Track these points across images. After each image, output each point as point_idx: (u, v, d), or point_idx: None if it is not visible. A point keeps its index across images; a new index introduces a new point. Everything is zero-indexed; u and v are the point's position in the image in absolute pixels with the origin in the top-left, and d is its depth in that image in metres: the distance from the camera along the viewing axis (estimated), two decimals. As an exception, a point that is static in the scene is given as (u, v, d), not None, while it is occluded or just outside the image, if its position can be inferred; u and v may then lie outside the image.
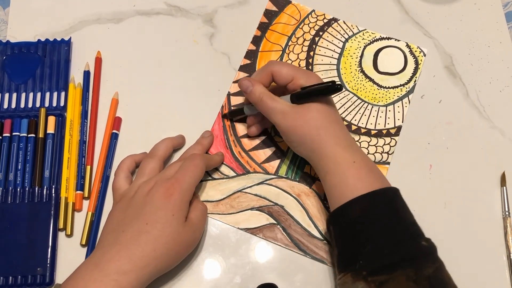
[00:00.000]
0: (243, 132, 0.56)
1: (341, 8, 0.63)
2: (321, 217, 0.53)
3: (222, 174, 0.54)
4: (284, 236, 0.52)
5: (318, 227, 0.52)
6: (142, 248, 0.43)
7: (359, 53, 0.60)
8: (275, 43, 0.60)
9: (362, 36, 0.61)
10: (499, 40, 0.62)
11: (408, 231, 0.44)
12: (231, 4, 0.62)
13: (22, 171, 0.52)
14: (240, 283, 0.50)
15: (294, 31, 0.61)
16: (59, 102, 0.56)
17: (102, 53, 0.59)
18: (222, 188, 0.53)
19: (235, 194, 0.53)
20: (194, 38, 0.60)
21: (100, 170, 0.53)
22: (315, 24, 0.61)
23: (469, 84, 0.60)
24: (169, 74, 0.59)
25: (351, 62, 0.60)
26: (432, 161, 0.56)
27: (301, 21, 0.61)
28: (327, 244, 0.52)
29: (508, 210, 0.53)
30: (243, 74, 0.58)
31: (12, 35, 0.59)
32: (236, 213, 0.52)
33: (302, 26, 0.61)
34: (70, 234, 0.51)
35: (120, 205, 0.47)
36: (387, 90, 0.59)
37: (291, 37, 0.60)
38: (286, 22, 0.61)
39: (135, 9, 0.61)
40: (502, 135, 0.58)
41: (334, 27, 0.61)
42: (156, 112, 0.57)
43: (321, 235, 0.52)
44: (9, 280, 0.48)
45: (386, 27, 0.62)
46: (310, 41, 0.60)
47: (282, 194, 0.54)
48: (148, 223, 0.44)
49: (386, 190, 0.46)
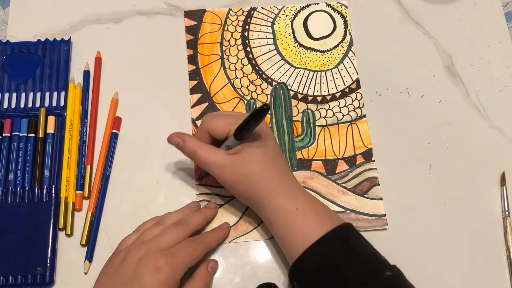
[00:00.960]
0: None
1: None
2: (332, 192, 0.54)
3: (226, 197, 0.53)
4: None
5: (335, 202, 0.53)
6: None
7: (290, 30, 0.61)
8: (210, 54, 0.59)
9: (284, 13, 0.62)
10: (499, 40, 0.62)
11: (370, 266, 0.42)
12: (230, 4, 0.62)
13: (22, 171, 0.52)
14: (240, 283, 0.50)
15: (222, 36, 0.60)
16: (59, 102, 0.56)
17: (102, 53, 0.59)
18: (233, 210, 0.53)
19: (248, 210, 0.52)
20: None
21: (100, 170, 0.53)
22: (237, 20, 0.61)
23: (469, 84, 0.60)
24: (169, 74, 0.58)
25: (287, 41, 0.61)
26: (432, 161, 0.56)
27: (224, 23, 0.61)
28: (351, 212, 0.53)
29: (508, 210, 0.53)
30: (196, 97, 0.57)
31: (12, 35, 0.59)
32: (258, 226, 0.52)
33: (227, 28, 0.61)
34: (70, 233, 0.51)
35: (112, 266, 0.44)
36: (330, 52, 0.60)
37: (222, 42, 0.60)
38: (211, 30, 0.60)
39: (135, 9, 0.61)
40: (502, 135, 0.58)
41: (256, 17, 0.61)
42: (156, 112, 0.57)
43: (341, 208, 0.53)
44: (9, 279, 0.48)
45: (385, 27, 0.62)
46: (241, 38, 0.60)
47: None
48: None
49: (337, 229, 0.43)
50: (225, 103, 0.57)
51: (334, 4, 0.62)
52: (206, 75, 0.59)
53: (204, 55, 0.59)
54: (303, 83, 0.59)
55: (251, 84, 0.58)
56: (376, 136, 0.57)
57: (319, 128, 0.57)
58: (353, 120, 0.57)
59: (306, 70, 0.59)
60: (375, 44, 0.61)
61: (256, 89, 0.58)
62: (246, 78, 0.59)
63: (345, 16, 0.62)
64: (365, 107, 0.58)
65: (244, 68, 0.59)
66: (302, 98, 0.58)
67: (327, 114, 0.57)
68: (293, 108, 0.57)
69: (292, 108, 0.57)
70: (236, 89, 0.58)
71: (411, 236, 0.52)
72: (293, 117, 0.57)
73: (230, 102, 0.57)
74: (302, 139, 0.56)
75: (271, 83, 0.58)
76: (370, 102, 0.58)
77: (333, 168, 0.55)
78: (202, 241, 0.47)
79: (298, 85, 0.59)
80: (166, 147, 0.50)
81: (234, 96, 0.58)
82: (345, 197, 0.54)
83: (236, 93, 0.58)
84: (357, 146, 0.56)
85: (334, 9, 0.62)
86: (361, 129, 0.57)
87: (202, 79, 0.58)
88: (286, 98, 0.58)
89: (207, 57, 0.59)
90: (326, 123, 0.57)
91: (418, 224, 0.53)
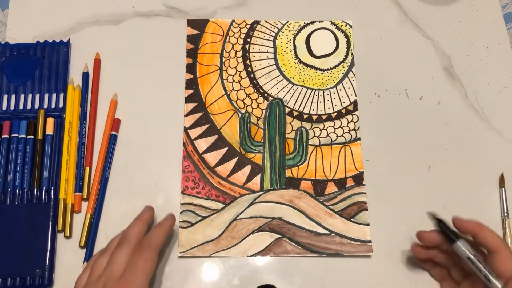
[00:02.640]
0: (214, 161, 0.55)
1: (339, 9, 0.63)
2: (319, 213, 0.53)
3: (210, 209, 0.53)
4: (293, 245, 0.52)
5: (321, 224, 0.52)
6: None
7: (292, 46, 0.61)
8: (209, 65, 0.59)
9: (288, 29, 0.61)
10: (497, 41, 0.62)
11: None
12: (230, 6, 0.62)
13: (21, 173, 0.52)
14: (239, 285, 0.50)
15: (223, 47, 0.60)
16: (58, 104, 0.56)
17: (101, 54, 0.59)
18: (217, 223, 0.52)
19: (231, 225, 0.52)
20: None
21: (99, 172, 0.53)
22: (240, 32, 0.61)
23: (467, 85, 0.60)
24: (168, 75, 0.58)
25: (287, 56, 0.60)
26: (431, 163, 0.56)
27: (226, 34, 0.60)
28: (336, 236, 0.52)
29: (507, 211, 0.53)
30: (191, 106, 0.57)
31: (11, 36, 0.59)
32: (240, 242, 0.52)
33: (229, 39, 0.60)
34: (68, 235, 0.51)
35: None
36: (330, 71, 0.60)
37: (222, 53, 0.60)
38: (212, 40, 0.60)
39: (134, 11, 0.61)
40: (501, 136, 0.58)
41: (258, 30, 0.61)
42: (155, 114, 0.57)
43: (326, 230, 0.52)
44: (8, 281, 0.48)
45: (385, 28, 0.62)
46: (241, 51, 0.60)
47: (275, 206, 0.53)
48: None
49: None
50: (219, 114, 0.57)
51: (339, 23, 0.62)
52: (203, 85, 0.58)
53: (203, 65, 0.59)
54: (299, 101, 0.58)
55: (247, 98, 0.58)
56: (374, 139, 0.57)
57: (311, 147, 0.56)
58: (347, 142, 0.56)
59: (304, 88, 0.59)
60: (374, 45, 0.61)
61: (252, 102, 0.58)
62: (243, 91, 0.58)
63: (348, 36, 0.61)
64: (364, 109, 0.58)
65: (242, 80, 0.59)
66: (297, 116, 0.57)
67: (321, 134, 0.57)
68: (287, 125, 0.57)
69: (286, 125, 0.57)
70: (231, 101, 0.58)
71: (397, 263, 0.52)
72: (286, 134, 0.56)
73: (225, 114, 0.57)
74: (293, 157, 0.56)
75: (267, 98, 0.58)
76: (368, 104, 0.58)
77: (322, 189, 0.54)
78: (150, 244, 0.45)
79: (295, 102, 0.58)
80: (165, 149, 0.50)
81: (229, 108, 0.57)
82: (332, 220, 0.53)
83: (231, 105, 0.57)
84: (348, 169, 0.55)
85: (339, 28, 0.61)
86: (354, 152, 0.56)
87: (198, 88, 0.58)
88: (281, 114, 0.57)
89: (206, 67, 0.59)
90: (319, 142, 0.56)
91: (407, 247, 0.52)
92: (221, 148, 0.56)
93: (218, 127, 0.56)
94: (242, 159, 0.55)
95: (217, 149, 0.56)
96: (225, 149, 0.56)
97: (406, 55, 0.61)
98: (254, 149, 0.56)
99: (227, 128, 0.56)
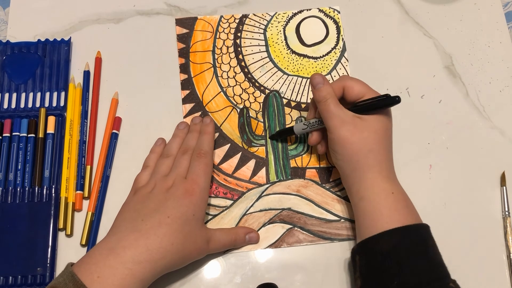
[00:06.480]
0: (218, 159, 0.55)
1: (341, 7, 0.63)
2: (327, 200, 0.53)
3: (220, 207, 0.53)
4: (305, 234, 0.52)
5: (330, 210, 0.53)
6: (161, 239, 0.43)
7: (282, 37, 0.61)
8: (203, 63, 0.59)
9: (277, 20, 0.61)
10: (499, 40, 0.62)
11: (436, 271, 0.43)
12: (231, 4, 0.62)
13: (22, 171, 0.52)
14: (240, 283, 0.50)
15: (214, 44, 0.60)
16: (59, 102, 0.56)
17: (102, 53, 0.59)
18: (227, 220, 0.53)
19: (242, 220, 0.53)
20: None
21: (100, 170, 0.53)
22: (229, 27, 0.61)
23: (469, 84, 0.60)
24: (169, 74, 0.58)
25: (279, 48, 0.60)
26: (432, 161, 0.56)
27: (216, 30, 0.60)
28: (345, 221, 0.52)
29: (508, 210, 0.53)
30: (189, 106, 0.57)
31: (12, 35, 0.59)
32: None
33: (219, 35, 0.60)
34: (70, 234, 0.51)
35: (137, 197, 0.48)
36: (323, 58, 0.60)
37: (214, 50, 0.60)
38: (202, 38, 0.60)
39: (135, 9, 0.61)
40: (502, 135, 0.58)
41: (247, 23, 0.61)
42: (156, 112, 0.57)
43: (336, 216, 0.53)
44: (9, 280, 0.48)
45: (386, 27, 0.62)
46: (233, 46, 0.60)
47: (284, 197, 0.54)
48: (170, 217, 0.44)
49: (419, 227, 0.45)
50: (217, 112, 0.57)
51: (326, 10, 0.62)
52: (199, 84, 0.58)
53: (196, 63, 0.59)
54: (296, 91, 0.58)
55: (243, 93, 0.58)
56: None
57: None
58: None
59: (299, 77, 0.59)
60: (376, 44, 0.61)
61: (249, 97, 0.58)
62: (238, 87, 0.58)
63: (337, 21, 0.61)
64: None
65: (236, 76, 0.59)
66: (295, 106, 0.58)
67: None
68: (287, 116, 0.57)
69: (285, 116, 0.57)
70: (228, 97, 0.58)
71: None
72: (287, 125, 0.57)
73: (223, 110, 0.57)
74: (296, 147, 0.56)
75: (264, 91, 0.58)
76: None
77: (327, 176, 0.55)
78: (205, 152, 0.50)
79: (291, 93, 0.58)
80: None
81: (227, 104, 0.57)
82: (340, 206, 0.53)
83: (228, 101, 0.57)
84: None
85: (327, 15, 0.62)
86: None
87: (194, 88, 0.58)
88: (279, 106, 0.57)
89: (199, 65, 0.59)
90: None
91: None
92: (224, 145, 0.56)
93: (218, 124, 0.56)
94: (246, 154, 0.55)
95: (219, 146, 0.56)
96: (227, 145, 0.56)
97: (407, 54, 0.61)
98: (257, 143, 0.56)
99: (227, 125, 0.56)
